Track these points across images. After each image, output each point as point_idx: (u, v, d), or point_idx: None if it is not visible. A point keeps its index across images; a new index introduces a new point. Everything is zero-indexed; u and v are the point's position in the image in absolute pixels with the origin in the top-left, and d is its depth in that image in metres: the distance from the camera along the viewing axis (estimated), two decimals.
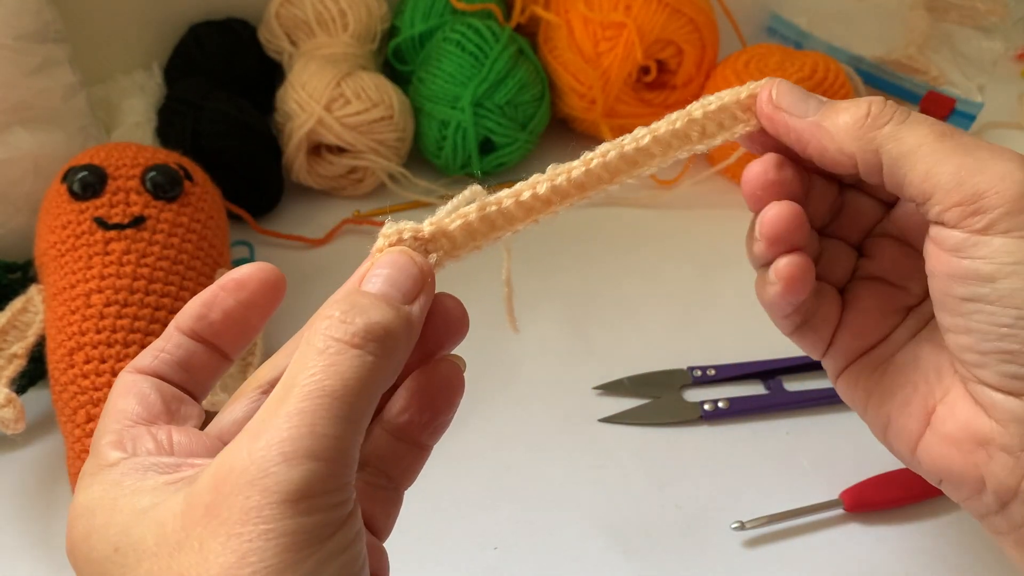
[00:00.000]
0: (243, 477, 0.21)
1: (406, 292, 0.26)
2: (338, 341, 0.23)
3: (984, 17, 0.75)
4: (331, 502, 0.22)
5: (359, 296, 0.25)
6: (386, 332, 0.24)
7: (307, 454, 0.21)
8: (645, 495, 0.43)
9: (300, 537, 0.21)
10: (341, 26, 0.62)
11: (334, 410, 0.22)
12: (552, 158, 0.72)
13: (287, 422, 0.22)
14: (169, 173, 0.46)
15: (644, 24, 0.59)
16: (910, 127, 0.28)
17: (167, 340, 0.27)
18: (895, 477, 0.43)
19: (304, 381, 0.22)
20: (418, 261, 0.27)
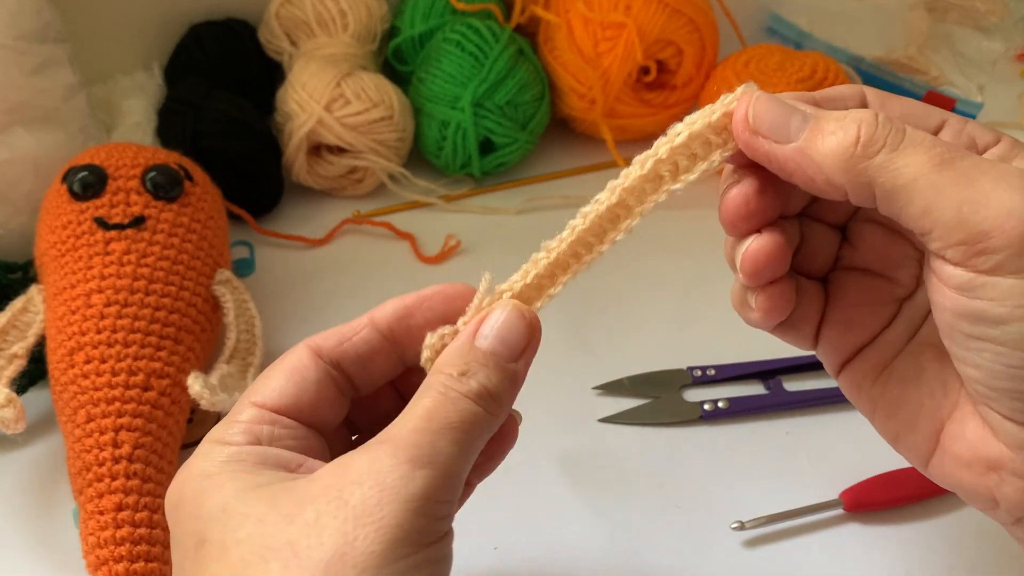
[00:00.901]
0: (368, 472, 0.24)
1: (514, 350, 0.28)
2: (456, 391, 0.26)
3: (984, 17, 0.75)
4: (439, 513, 0.25)
5: (474, 355, 0.27)
6: (495, 393, 0.27)
7: (428, 463, 0.24)
8: (645, 495, 0.43)
9: (407, 534, 0.23)
10: (341, 26, 0.62)
11: (452, 435, 0.25)
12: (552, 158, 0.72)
13: (414, 436, 0.25)
14: (169, 173, 0.46)
15: (644, 24, 0.59)
16: (905, 155, 0.25)
17: (356, 330, 0.29)
18: (895, 477, 0.43)
19: (429, 409, 0.25)
20: (527, 317, 0.29)
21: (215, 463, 0.26)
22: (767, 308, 0.30)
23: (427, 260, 0.57)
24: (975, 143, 0.28)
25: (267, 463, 0.26)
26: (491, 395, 0.27)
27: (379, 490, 0.23)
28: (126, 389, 0.40)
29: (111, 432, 0.39)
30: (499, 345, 0.28)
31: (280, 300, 0.53)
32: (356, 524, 0.23)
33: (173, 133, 0.56)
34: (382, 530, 0.23)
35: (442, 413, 0.25)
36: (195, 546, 0.25)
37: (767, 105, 0.27)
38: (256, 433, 0.27)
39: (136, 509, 0.38)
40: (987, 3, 0.75)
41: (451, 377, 0.26)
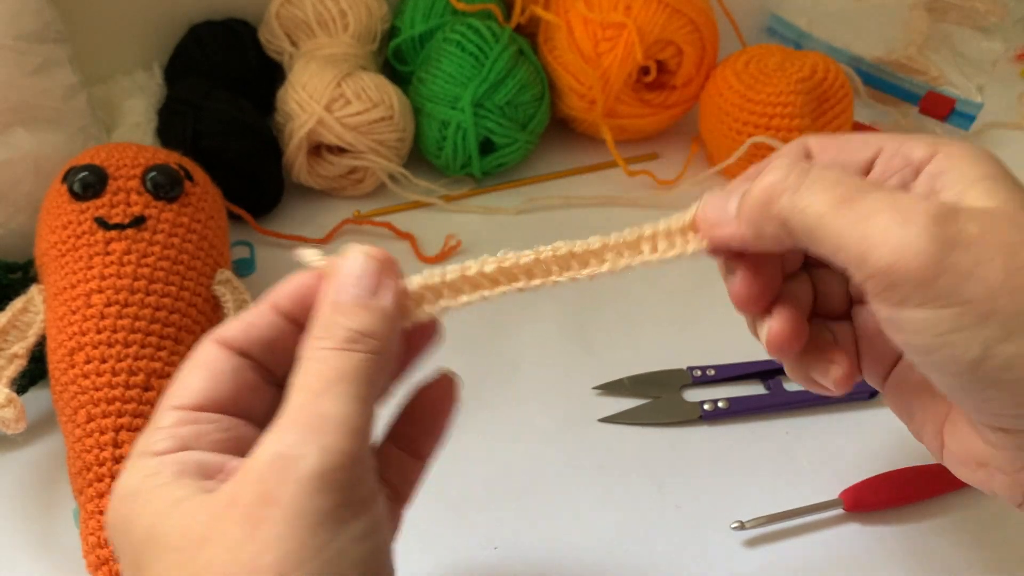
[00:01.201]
0: (264, 468, 0.22)
1: (367, 287, 0.27)
2: (324, 349, 0.25)
3: (984, 17, 0.75)
4: (347, 479, 0.23)
5: (331, 311, 0.26)
6: (366, 331, 0.25)
7: (317, 433, 0.23)
8: (645, 495, 0.43)
9: (319, 518, 0.22)
10: (341, 26, 0.62)
11: (335, 392, 0.24)
12: (552, 158, 0.72)
13: (295, 413, 0.23)
14: (169, 173, 0.46)
15: (644, 24, 0.59)
16: (807, 195, 0.27)
17: (259, 317, 0.28)
18: (895, 477, 0.43)
19: (303, 379, 0.24)
20: (373, 254, 0.27)
21: (138, 478, 0.25)
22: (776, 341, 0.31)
23: (427, 260, 0.57)
24: (911, 161, 0.29)
25: (187, 471, 0.25)
26: (362, 335, 0.25)
27: (275, 482, 0.22)
28: (126, 389, 0.40)
29: (111, 432, 0.39)
30: (351, 289, 0.27)
31: None
32: (263, 527, 0.22)
33: (173, 133, 0.56)
34: (290, 525, 0.22)
35: (317, 377, 0.24)
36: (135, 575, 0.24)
37: (712, 197, 0.31)
38: (181, 436, 0.26)
39: None
40: (987, 3, 0.75)
41: (316, 339, 0.25)
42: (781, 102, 0.57)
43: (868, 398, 0.48)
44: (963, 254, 0.25)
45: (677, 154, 0.66)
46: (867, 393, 0.47)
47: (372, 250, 0.28)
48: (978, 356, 0.25)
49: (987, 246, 0.25)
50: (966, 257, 0.25)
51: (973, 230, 0.25)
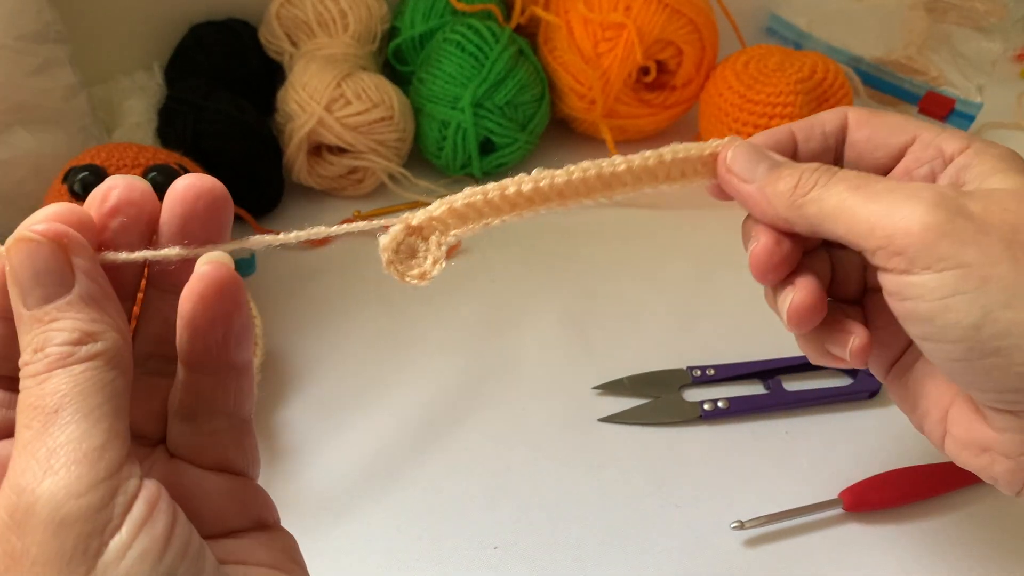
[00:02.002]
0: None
1: (59, 280, 0.23)
2: (37, 375, 0.22)
3: (983, 18, 0.75)
4: (88, 505, 0.20)
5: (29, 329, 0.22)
6: (78, 340, 0.22)
7: (46, 469, 0.20)
8: (645, 495, 0.43)
9: (66, 559, 0.20)
10: (341, 27, 0.62)
11: (64, 418, 0.21)
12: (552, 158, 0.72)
13: (23, 449, 0.21)
14: (170, 173, 0.46)
15: (644, 25, 0.59)
16: (830, 188, 0.29)
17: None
18: (894, 477, 0.43)
19: (23, 416, 0.21)
20: (41, 235, 0.23)
21: None
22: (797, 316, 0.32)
23: None
24: (943, 153, 0.31)
25: None
26: (75, 343, 0.22)
27: (17, 535, 0.20)
28: None
29: None
30: (33, 296, 0.23)
31: (281, 300, 0.53)
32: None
33: (173, 133, 0.56)
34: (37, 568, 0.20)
35: (38, 409, 0.21)
36: None
37: (743, 151, 0.32)
38: None
39: None
40: (986, 3, 0.75)
41: (28, 365, 0.22)
42: (781, 102, 0.57)
43: (868, 398, 0.48)
44: (965, 223, 0.26)
45: None
46: (867, 393, 0.47)
47: (41, 227, 0.24)
48: (977, 320, 0.26)
49: (989, 219, 0.27)
50: (968, 225, 0.26)
51: (976, 207, 0.27)
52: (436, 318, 0.53)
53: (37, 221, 0.24)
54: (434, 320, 0.53)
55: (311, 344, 0.51)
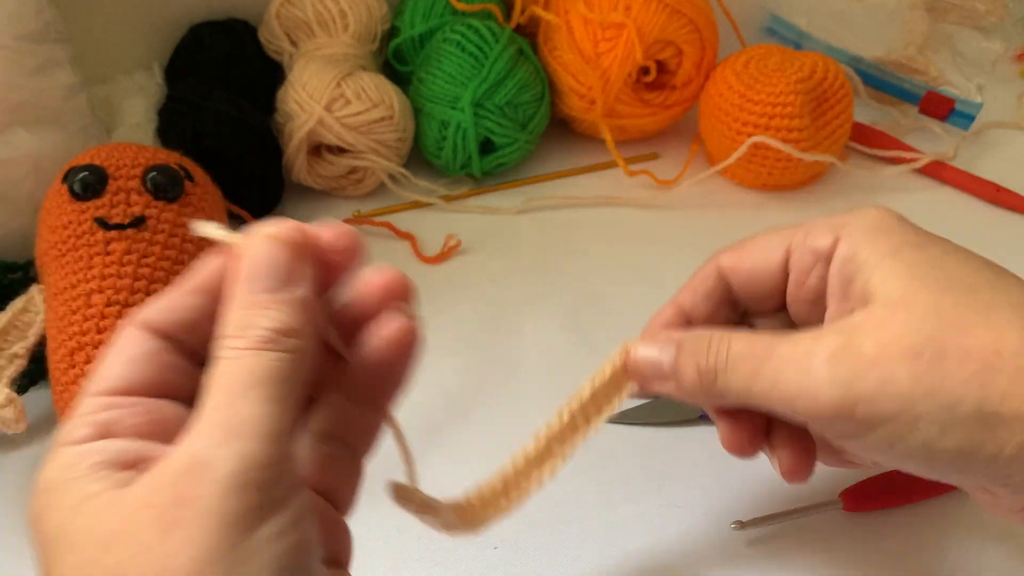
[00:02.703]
0: (180, 469, 0.22)
1: (279, 278, 0.25)
2: (239, 349, 0.24)
3: (983, 18, 0.75)
4: (264, 481, 0.22)
5: (242, 308, 0.25)
6: (284, 328, 0.24)
7: (234, 437, 0.22)
8: (645, 495, 0.43)
9: (233, 519, 0.21)
10: (341, 26, 0.62)
11: (252, 395, 0.23)
12: (552, 158, 0.72)
13: (213, 414, 0.23)
14: (170, 173, 0.46)
15: (644, 25, 0.59)
16: (729, 375, 0.30)
17: (180, 298, 0.26)
18: (894, 477, 0.43)
19: (219, 380, 0.23)
20: (282, 237, 0.26)
21: (55, 470, 0.24)
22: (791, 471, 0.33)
23: (427, 260, 0.57)
24: (818, 253, 0.32)
25: (105, 462, 0.24)
26: (279, 333, 0.24)
27: (190, 486, 0.21)
28: None
29: None
30: (264, 280, 0.25)
31: None
32: (175, 528, 0.21)
33: (173, 133, 0.56)
34: (203, 526, 0.21)
35: (232, 379, 0.23)
36: (42, 571, 0.23)
37: (640, 356, 0.33)
38: (99, 423, 0.25)
39: None
40: (987, 3, 0.75)
41: (230, 338, 0.24)
42: (781, 102, 0.57)
43: None
44: (866, 380, 0.27)
45: (677, 154, 0.66)
46: None
47: (281, 231, 0.26)
48: (926, 452, 0.27)
49: (888, 361, 0.27)
50: (870, 381, 0.27)
51: (869, 350, 0.27)
52: (435, 319, 0.53)
53: (288, 227, 0.26)
54: (433, 321, 0.53)
55: None
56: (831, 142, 0.59)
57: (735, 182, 0.63)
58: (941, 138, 0.66)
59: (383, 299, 0.28)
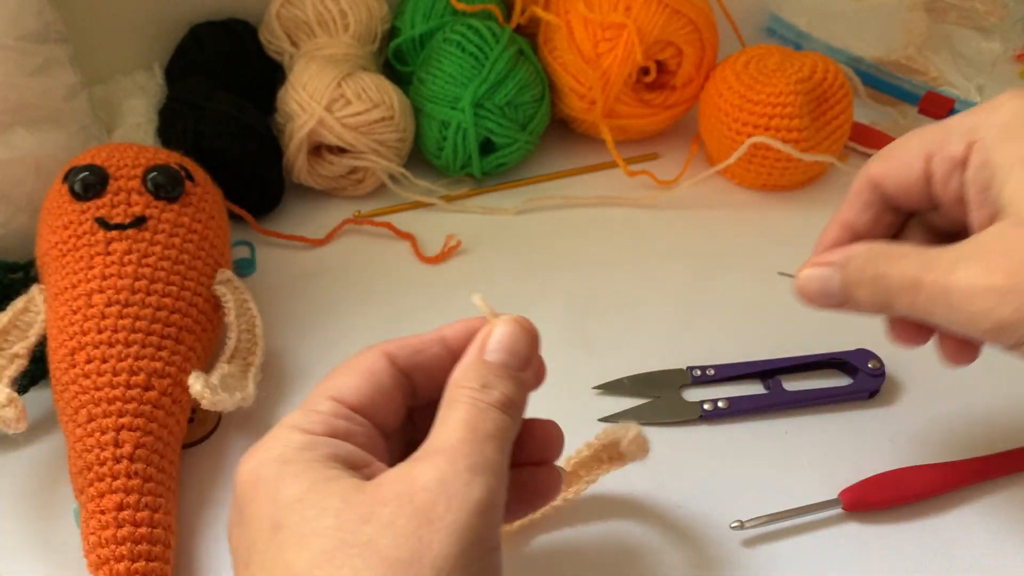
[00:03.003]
0: (433, 479, 0.25)
1: (522, 360, 0.31)
2: (484, 401, 0.29)
3: (983, 18, 0.75)
4: (497, 519, 0.26)
5: (488, 368, 0.30)
6: (515, 402, 0.30)
7: (483, 470, 0.26)
8: (644, 494, 0.43)
9: (474, 539, 0.25)
10: (342, 27, 0.62)
11: (494, 443, 0.27)
12: (552, 158, 0.72)
13: (465, 446, 0.27)
14: (170, 173, 0.46)
15: (644, 25, 0.59)
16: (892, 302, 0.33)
17: (428, 345, 0.32)
18: (894, 477, 0.43)
19: (467, 421, 0.28)
20: (528, 329, 0.32)
21: (291, 449, 0.27)
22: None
23: (427, 260, 0.57)
24: (955, 160, 0.34)
25: (338, 457, 0.27)
26: (512, 403, 0.29)
27: (447, 496, 0.25)
28: (127, 389, 0.40)
29: (112, 432, 0.39)
30: (508, 357, 0.31)
31: (281, 300, 0.54)
32: (430, 528, 0.24)
33: (174, 133, 0.56)
34: (453, 535, 0.25)
35: (481, 423, 0.28)
36: (271, 529, 0.26)
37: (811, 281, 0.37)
38: (332, 426, 0.28)
39: (137, 508, 0.38)
40: (986, 4, 0.75)
41: (475, 390, 0.29)
42: (780, 102, 0.57)
43: (868, 398, 0.48)
44: (1006, 308, 0.29)
45: (677, 154, 0.66)
46: (867, 393, 0.48)
47: (527, 323, 0.32)
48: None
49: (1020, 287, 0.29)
50: (1008, 310, 0.29)
51: (1002, 279, 0.29)
52: (436, 318, 0.53)
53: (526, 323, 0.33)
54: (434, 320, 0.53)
55: (311, 344, 0.51)
56: (831, 142, 0.59)
57: (735, 182, 0.63)
58: None
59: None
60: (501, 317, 0.32)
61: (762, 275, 0.56)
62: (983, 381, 0.48)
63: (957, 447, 0.45)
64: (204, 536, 0.41)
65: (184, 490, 0.43)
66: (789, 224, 0.60)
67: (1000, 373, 0.48)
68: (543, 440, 0.35)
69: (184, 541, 0.41)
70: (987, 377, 0.48)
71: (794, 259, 0.57)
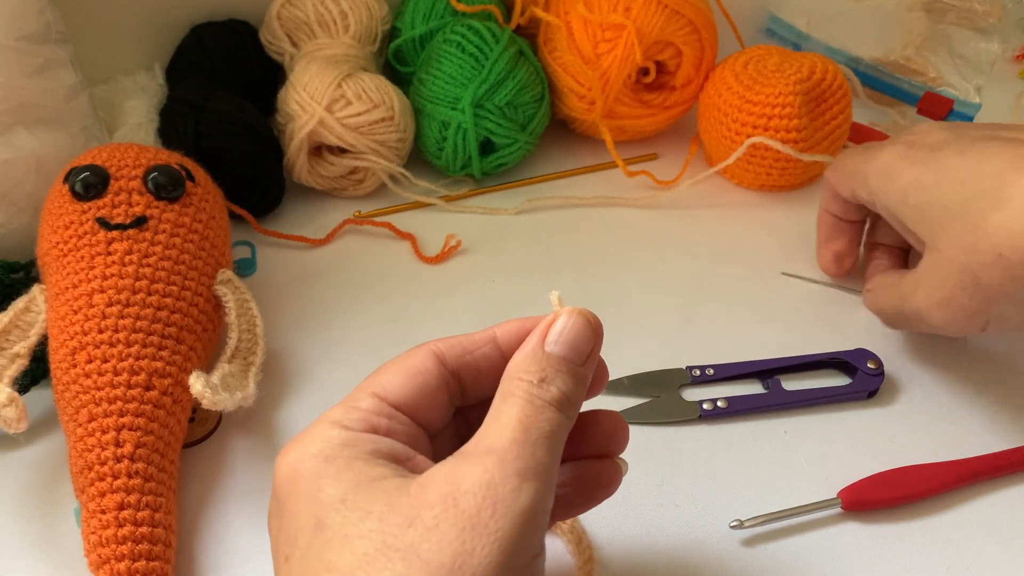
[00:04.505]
0: (480, 483, 0.25)
1: (582, 354, 0.30)
2: (540, 399, 0.28)
3: (982, 18, 0.75)
4: (543, 524, 0.26)
5: (548, 361, 0.29)
6: (572, 399, 0.29)
7: (533, 475, 0.26)
8: (644, 494, 0.43)
9: (519, 547, 0.25)
10: (342, 27, 0.62)
11: (546, 445, 0.27)
12: (552, 158, 0.72)
13: (515, 448, 0.26)
14: (171, 173, 0.46)
15: (643, 26, 0.59)
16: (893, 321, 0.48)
17: (478, 344, 0.31)
18: (893, 476, 0.43)
19: (521, 419, 0.27)
20: (592, 322, 0.30)
21: (332, 446, 0.27)
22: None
23: (428, 260, 0.57)
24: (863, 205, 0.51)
25: (380, 452, 0.27)
26: (569, 400, 0.28)
27: (493, 502, 0.25)
28: (128, 388, 0.40)
29: (113, 431, 0.39)
30: (569, 350, 0.29)
31: (282, 300, 0.54)
32: (474, 534, 0.24)
33: (175, 133, 0.56)
34: (498, 542, 0.24)
35: (535, 423, 0.27)
36: (313, 528, 0.26)
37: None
38: (373, 423, 0.28)
39: (138, 508, 0.38)
40: (985, 4, 0.75)
41: (532, 384, 0.28)
42: (780, 103, 0.57)
43: (867, 398, 0.48)
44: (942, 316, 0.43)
45: (676, 154, 0.66)
46: (866, 393, 0.48)
47: (593, 317, 0.31)
48: None
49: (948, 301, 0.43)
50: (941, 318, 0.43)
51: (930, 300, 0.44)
52: (436, 318, 0.53)
53: (590, 315, 0.31)
54: (434, 320, 0.53)
55: (311, 344, 0.51)
56: (830, 143, 0.59)
57: (734, 182, 0.63)
58: None
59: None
60: (566, 309, 0.30)
61: (762, 275, 0.56)
62: (982, 381, 0.48)
63: (956, 447, 0.45)
64: (204, 536, 0.41)
65: (184, 490, 0.43)
66: (788, 224, 0.60)
67: (999, 373, 0.48)
68: (608, 433, 0.34)
69: (184, 541, 0.41)
70: (986, 377, 0.48)
71: (793, 259, 0.57)
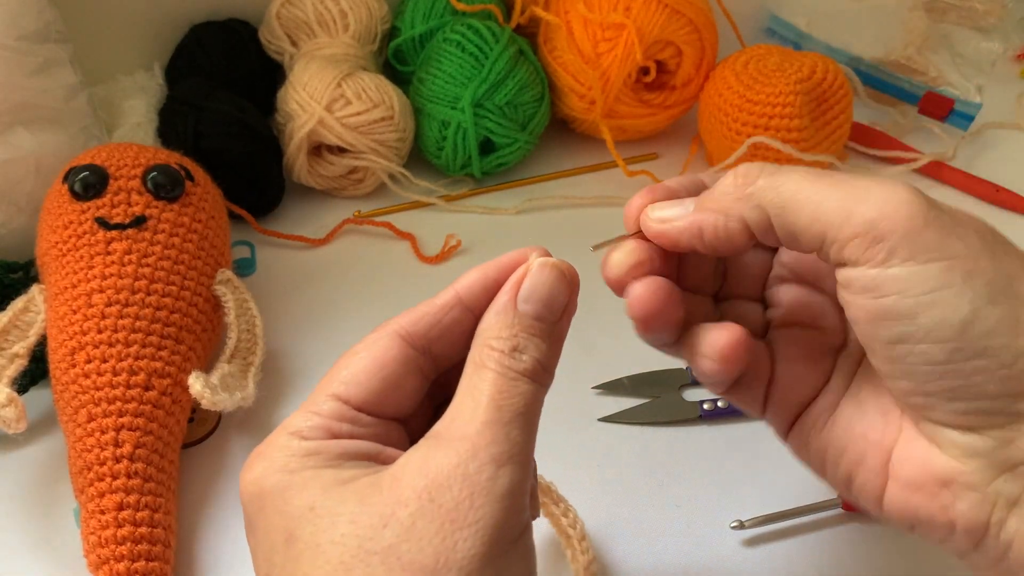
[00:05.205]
0: (454, 474, 0.24)
1: (556, 310, 0.28)
2: (513, 370, 0.26)
3: (983, 18, 0.75)
4: (523, 504, 0.25)
5: (520, 323, 0.27)
6: (547, 365, 0.27)
7: (509, 459, 0.25)
8: (644, 494, 0.43)
9: (501, 532, 0.24)
10: (342, 27, 0.62)
11: (521, 422, 0.25)
12: (552, 158, 0.72)
13: (489, 431, 0.25)
14: (170, 173, 0.46)
15: (643, 25, 0.59)
16: (783, 175, 0.27)
17: (445, 310, 0.28)
18: None
19: (494, 398, 0.25)
20: (566, 272, 0.28)
21: (295, 458, 0.26)
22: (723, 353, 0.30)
23: (427, 260, 0.57)
24: None
25: (348, 455, 0.26)
26: (544, 367, 0.27)
27: (470, 493, 0.24)
28: (127, 388, 0.40)
29: (112, 431, 0.39)
30: (543, 308, 0.27)
31: (281, 300, 0.54)
32: (453, 528, 0.23)
33: (174, 133, 0.56)
34: (479, 532, 0.24)
35: (508, 400, 0.25)
36: (285, 542, 0.25)
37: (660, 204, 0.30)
38: (334, 430, 0.26)
39: (137, 508, 0.38)
40: (986, 4, 0.75)
41: (504, 354, 0.26)
42: (780, 102, 0.57)
43: None
44: (942, 214, 0.26)
45: (677, 154, 0.66)
46: None
47: (567, 268, 0.28)
48: (967, 316, 0.24)
49: (959, 216, 0.26)
50: (946, 217, 0.25)
51: (943, 206, 0.26)
52: None
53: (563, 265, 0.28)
54: None
55: (311, 344, 0.51)
56: (830, 142, 0.59)
57: None
58: (940, 138, 0.66)
59: None
60: (537, 260, 0.28)
61: None
62: None
63: None
64: (204, 536, 0.41)
65: (184, 490, 0.43)
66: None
67: None
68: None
69: (184, 541, 0.41)
70: None
71: None
